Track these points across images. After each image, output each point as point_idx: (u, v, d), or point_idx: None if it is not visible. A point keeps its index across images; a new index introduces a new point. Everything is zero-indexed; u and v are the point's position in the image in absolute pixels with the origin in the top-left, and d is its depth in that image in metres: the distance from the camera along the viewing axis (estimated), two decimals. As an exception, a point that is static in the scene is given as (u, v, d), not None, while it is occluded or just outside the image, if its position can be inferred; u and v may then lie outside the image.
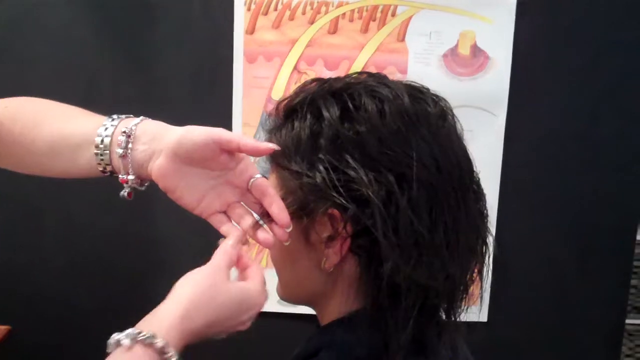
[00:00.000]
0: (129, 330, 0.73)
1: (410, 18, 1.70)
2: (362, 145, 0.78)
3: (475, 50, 1.71)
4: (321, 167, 0.79)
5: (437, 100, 0.86)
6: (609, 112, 1.76)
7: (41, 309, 1.83)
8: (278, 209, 0.82)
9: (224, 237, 0.88)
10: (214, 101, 1.74)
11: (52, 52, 1.77)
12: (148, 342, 0.72)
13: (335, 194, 0.77)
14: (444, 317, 0.86)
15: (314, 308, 0.91)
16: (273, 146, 0.83)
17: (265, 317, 1.83)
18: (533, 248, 1.84)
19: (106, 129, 0.90)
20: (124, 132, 0.88)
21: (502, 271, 1.80)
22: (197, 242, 1.52)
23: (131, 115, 0.92)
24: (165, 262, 1.82)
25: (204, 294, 0.79)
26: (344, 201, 0.77)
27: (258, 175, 0.86)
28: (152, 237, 1.82)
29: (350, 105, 0.80)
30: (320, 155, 0.79)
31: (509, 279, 1.84)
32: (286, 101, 0.87)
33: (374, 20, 1.71)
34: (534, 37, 1.71)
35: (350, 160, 0.78)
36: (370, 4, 1.70)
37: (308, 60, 1.73)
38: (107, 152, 0.89)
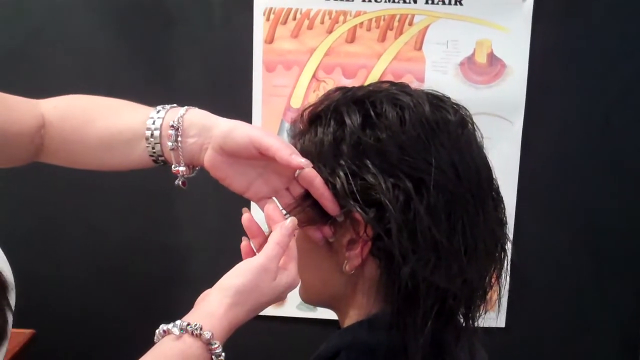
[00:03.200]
0: (177, 322, 0.76)
1: (427, 27, 1.73)
2: (383, 151, 0.80)
3: (492, 58, 1.74)
4: (341, 173, 0.81)
5: (457, 108, 0.88)
6: (625, 118, 1.78)
7: (65, 313, 1.87)
8: (327, 199, 0.84)
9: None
10: (234, 109, 1.76)
11: (74, 61, 1.81)
12: (196, 333, 0.76)
13: (352, 200, 0.80)
14: (462, 321, 0.88)
15: (335, 310, 0.93)
16: (305, 163, 0.85)
17: (285, 322, 1.88)
18: (550, 254, 1.86)
19: (154, 122, 0.94)
20: (172, 125, 0.91)
21: (520, 277, 1.82)
22: (215, 247, 1.56)
23: (175, 105, 0.96)
24: (184, 268, 1.85)
25: (252, 283, 0.83)
26: (360, 207, 0.79)
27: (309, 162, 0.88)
28: (171, 244, 1.85)
29: (372, 113, 0.83)
30: (342, 161, 0.82)
31: (526, 285, 1.84)
32: (310, 108, 0.90)
33: (392, 29, 1.74)
34: (549, 45, 1.73)
35: (370, 166, 0.80)
36: (387, 13, 1.73)
37: (326, 68, 1.76)
38: (159, 144, 0.93)
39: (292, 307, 1.89)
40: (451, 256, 0.81)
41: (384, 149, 0.80)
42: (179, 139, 0.92)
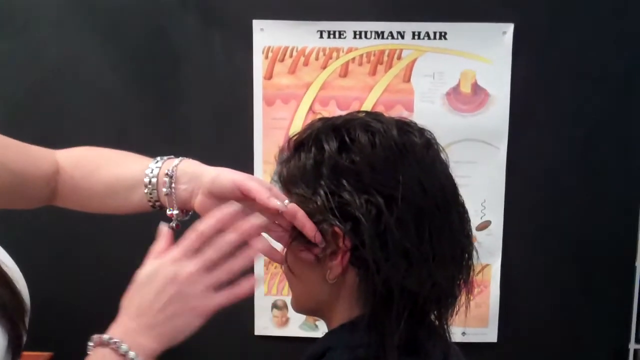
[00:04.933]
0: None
1: (414, 60, 1.84)
2: (357, 172, 0.91)
3: (476, 88, 1.84)
4: (322, 192, 0.92)
5: (423, 132, 0.99)
6: (605, 141, 1.88)
7: (81, 336, 1.96)
8: (309, 229, 0.93)
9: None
10: (236, 141, 1.88)
11: (86, 100, 1.93)
12: (114, 346, 0.85)
13: (331, 215, 0.91)
14: (435, 322, 0.99)
15: (322, 317, 1.03)
16: (281, 206, 0.96)
17: (289, 342, 1.97)
18: (539, 272, 1.94)
19: (152, 170, 1.05)
20: (167, 174, 1.03)
21: (510, 294, 1.92)
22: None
23: (172, 157, 1.07)
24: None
25: (148, 279, 0.92)
26: (338, 221, 0.90)
27: (286, 202, 0.98)
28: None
29: (347, 139, 0.94)
30: (322, 182, 0.93)
31: (516, 301, 1.94)
32: (296, 137, 1.01)
33: (382, 64, 1.85)
34: (530, 74, 1.84)
35: (346, 185, 0.91)
36: (377, 49, 1.84)
37: (322, 101, 1.87)
38: (155, 190, 1.05)
39: (295, 327, 1.98)
40: (420, 263, 0.91)
41: (358, 169, 0.91)
42: (173, 185, 1.03)
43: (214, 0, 1.87)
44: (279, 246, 1.02)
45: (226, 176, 1.01)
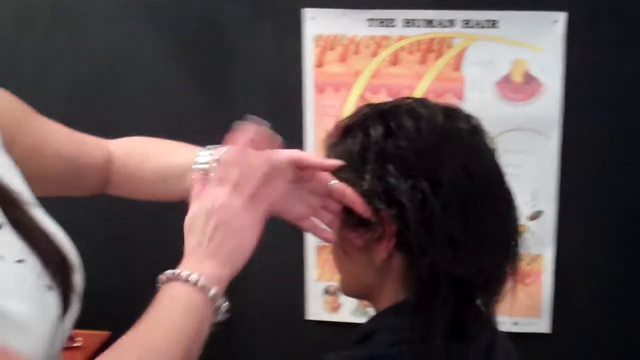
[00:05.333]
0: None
1: (465, 49, 1.85)
2: (402, 157, 0.93)
3: (528, 77, 1.84)
4: (368, 177, 0.94)
5: (469, 118, 1.00)
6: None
7: (139, 314, 2.01)
8: (359, 205, 0.95)
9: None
10: (288, 128, 1.89)
11: (140, 90, 1.99)
12: (183, 278, 0.88)
13: (377, 200, 0.93)
14: (482, 308, 1.00)
15: (369, 300, 1.05)
16: (335, 162, 0.99)
17: (340, 327, 2.00)
18: (593, 262, 1.92)
19: (202, 157, 1.08)
20: (217, 159, 1.06)
21: (564, 283, 1.91)
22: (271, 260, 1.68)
23: (220, 146, 1.09)
24: (245, 271, 1.99)
25: (194, 220, 0.96)
26: (384, 206, 0.92)
27: (334, 181, 1.00)
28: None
29: (393, 124, 0.95)
30: (368, 167, 0.95)
31: (571, 291, 1.93)
32: (343, 122, 1.03)
33: (432, 52, 1.86)
34: (582, 62, 1.82)
35: (392, 170, 0.92)
36: (428, 37, 1.85)
37: (372, 89, 1.89)
38: (204, 176, 1.07)
39: (347, 313, 2.01)
40: (466, 248, 0.92)
41: (403, 154, 0.93)
42: None
43: (265, -11, 1.91)
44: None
45: (278, 152, 1.03)
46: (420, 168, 0.92)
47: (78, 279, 0.95)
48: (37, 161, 1.07)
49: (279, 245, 1.86)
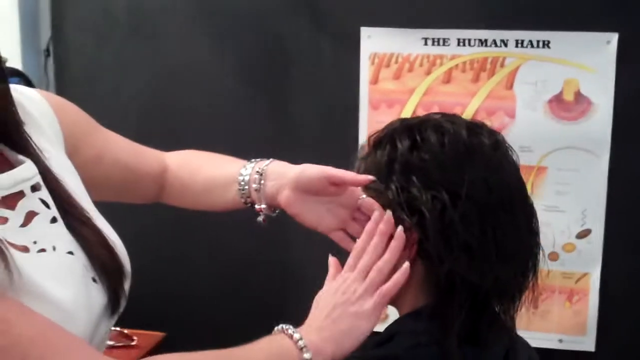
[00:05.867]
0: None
1: (517, 68, 1.88)
2: (425, 169, 0.99)
3: (579, 96, 1.86)
4: (393, 187, 1.00)
5: (492, 133, 1.05)
6: None
7: (193, 316, 2.11)
8: (386, 219, 1.02)
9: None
10: (343, 143, 1.96)
11: (206, 100, 2.09)
12: (289, 333, 0.96)
13: (400, 209, 0.99)
14: (502, 316, 1.05)
15: (394, 305, 1.10)
16: (367, 177, 1.05)
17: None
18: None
19: (246, 169, 1.17)
20: (258, 172, 1.15)
21: (610, 303, 1.92)
22: (321, 261, 1.74)
23: (264, 159, 1.19)
24: (295, 279, 2.07)
25: (320, 297, 1.03)
26: (406, 215, 0.98)
27: (364, 196, 1.08)
28: (285, 259, 2.09)
29: (418, 138, 1.01)
30: (394, 177, 1.01)
31: (617, 311, 1.94)
32: (374, 135, 1.10)
33: (484, 71, 1.90)
34: (634, 83, 1.83)
35: (415, 181, 0.98)
36: (481, 56, 1.89)
37: (425, 107, 1.94)
38: (247, 187, 1.17)
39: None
40: (482, 258, 0.97)
41: (426, 167, 0.99)
42: (262, 182, 1.15)
43: (324, 8, 1.98)
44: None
45: (314, 167, 1.11)
46: (442, 180, 0.97)
47: (126, 280, 1.04)
48: (98, 169, 1.17)
49: (327, 259, 1.93)
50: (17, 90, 1.01)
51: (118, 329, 1.95)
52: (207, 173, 1.26)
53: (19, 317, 0.80)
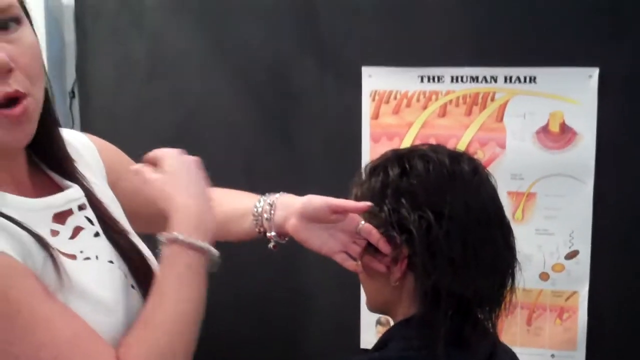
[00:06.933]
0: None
1: (507, 102, 2.01)
2: (413, 193, 1.13)
3: (564, 127, 1.98)
4: (386, 209, 1.15)
5: (472, 160, 1.19)
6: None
7: (216, 339, 2.21)
8: (382, 243, 1.17)
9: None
10: (346, 174, 2.07)
11: (220, 134, 2.23)
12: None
13: (391, 228, 1.13)
14: (486, 324, 1.19)
15: (389, 314, 1.24)
16: (365, 204, 1.20)
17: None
18: (627, 299, 2.02)
19: (260, 202, 1.35)
20: (269, 203, 1.32)
21: (598, 319, 2.03)
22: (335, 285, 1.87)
23: (275, 193, 1.36)
24: (310, 302, 2.20)
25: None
26: (397, 233, 1.13)
27: (362, 223, 1.22)
28: (301, 284, 2.21)
29: (407, 166, 1.16)
30: (386, 200, 1.16)
31: (604, 326, 2.04)
32: (370, 164, 1.25)
33: (476, 105, 2.03)
34: (615, 114, 1.95)
35: (405, 203, 1.13)
36: (473, 91, 2.03)
37: (422, 139, 2.06)
38: (260, 217, 1.34)
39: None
40: (464, 269, 1.11)
41: (414, 190, 1.13)
42: (272, 212, 1.31)
43: (329, 49, 2.12)
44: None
45: (317, 199, 1.27)
46: (427, 202, 1.12)
47: None
48: (134, 201, 1.32)
49: (339, 283, 2.07)
50: (67, 132, 1.18)
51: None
52: (228, 206, 1.41)
53: (60, 318, 0.93)
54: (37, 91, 1.00)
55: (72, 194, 1.09)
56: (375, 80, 2.09)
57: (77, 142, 1.22)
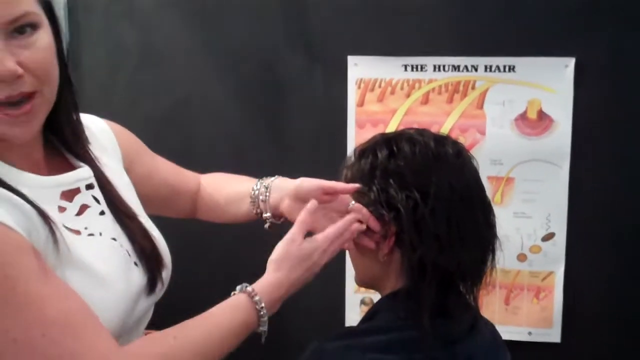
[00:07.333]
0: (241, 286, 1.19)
1: (486, 90, 2.09)
2: (401, 173, 1.20)
3: (542, 114, 2.06)
4: (375, 189, 1.22)
5: (455, 143, 1.26)
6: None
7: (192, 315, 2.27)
8: (372, 220, 1.23)
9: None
10: (333, 159, 2.12)
11: (209, 124, 2.27)
12: (245, 291, 1.17)
13: (380, 207, 1.20)
14: (467, 296, 1.26)
15: (377, 289, 1.31)
16: (354, 186, 1.27)
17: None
18: (601, 279, 2.10)
19: (257, 185, 1.42)
20: (265, 186, 1.40)
21: (573, 298, 2.12)
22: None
23: (271, 176, 1.44)
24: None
25: (283, 251, 1.22)
26: (385, 211, 1.20)
27: (353, 202, 1.28)
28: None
29: (395, 148, 1.23)
30: (375, 181, 1.22)
31: (579, 305, 2.12)
32: (359, 147, 1.32)
33: (458, 93, 2.10)
34: (590, 102, 2.03)
35: (393, 184, 1.20)
36: (454, 80, 2.10)
37: (406, 125, 2.11)
38: (257, 199, 1.41)
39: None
40: (448, 244, 1.17)
41: (401, 172, 1.20)
42: (267, 194, 1.39)
43: (315, 40, 2.17)
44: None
45: (309, 181, 1.34)
46: (414, 182, 1.19)
47: (164, 268, 1.25)
48: (147, 184, 1.40)
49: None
50: (87, 117, 1.25)
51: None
52: (228, 190, 1.49)
53: (55, 298, 0.94)
54: (46, 89, 1.04)
55: (82, 174, 1.15)
56: (361, 68, 2.15)
57: (95, 126, 1.29)
